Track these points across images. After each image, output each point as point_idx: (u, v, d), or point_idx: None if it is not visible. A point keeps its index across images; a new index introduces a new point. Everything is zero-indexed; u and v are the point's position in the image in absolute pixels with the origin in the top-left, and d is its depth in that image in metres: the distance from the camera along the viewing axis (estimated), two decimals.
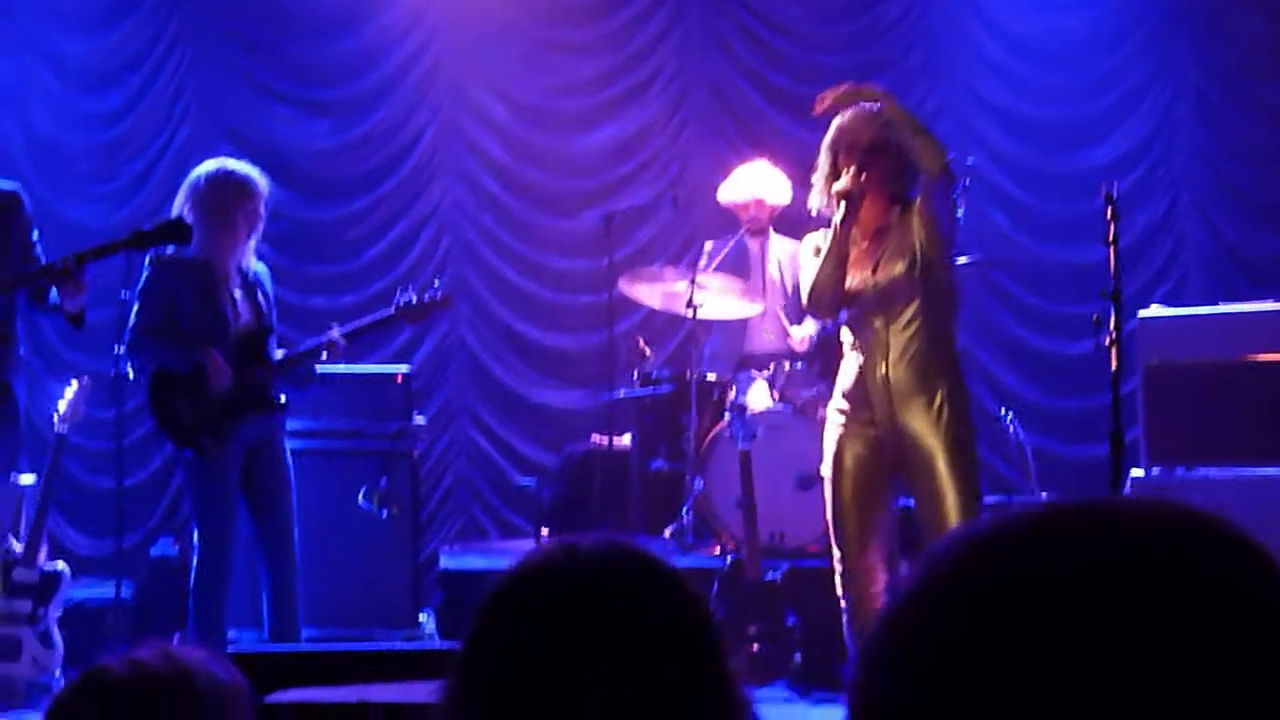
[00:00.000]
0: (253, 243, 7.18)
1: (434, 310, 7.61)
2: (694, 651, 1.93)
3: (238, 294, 7.13)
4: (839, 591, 6.25)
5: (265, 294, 7.25)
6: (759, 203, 9.35)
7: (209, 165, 7.20)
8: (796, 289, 8.72)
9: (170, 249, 6.98)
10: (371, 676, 5.35)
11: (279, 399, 7.20)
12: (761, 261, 9.34)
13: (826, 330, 6.68)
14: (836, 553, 6.22)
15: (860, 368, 6.20)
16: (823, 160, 6.26)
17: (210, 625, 7.09)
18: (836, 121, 6.27)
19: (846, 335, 6.32)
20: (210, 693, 2.29)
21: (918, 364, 6.15)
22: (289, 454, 7.23)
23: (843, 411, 6.24)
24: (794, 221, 9.41)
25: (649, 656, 1.90)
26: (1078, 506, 1.11)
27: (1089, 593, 1.03)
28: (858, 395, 6.19)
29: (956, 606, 1.06)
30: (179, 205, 7.05)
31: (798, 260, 7.20)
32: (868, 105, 6.25)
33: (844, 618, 6.28)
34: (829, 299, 6.19)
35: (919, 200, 6.19)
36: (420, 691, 4.00)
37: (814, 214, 6.37)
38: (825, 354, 8.57)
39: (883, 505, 6.24)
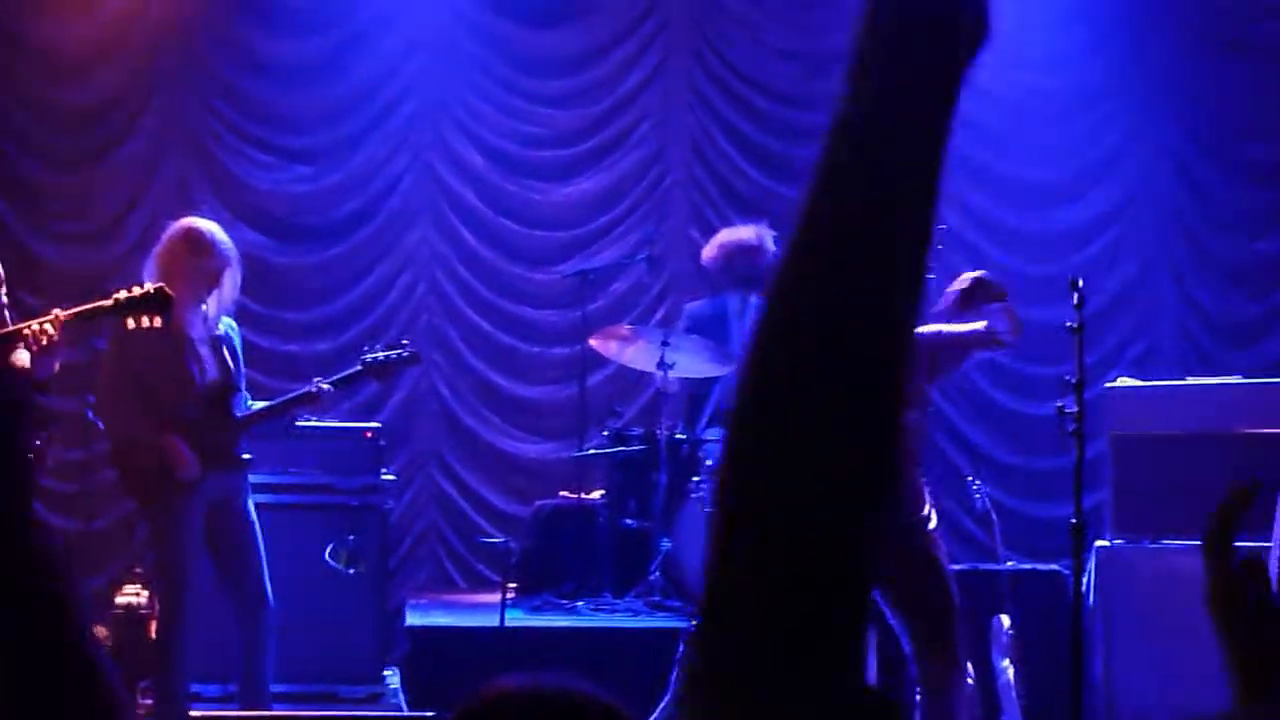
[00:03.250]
0: (216, 301, 7.18)
1: (402, 368, 7.64)
2: None
3: (204, 351, 7.14)
4: None
5: (233, 350, 7.27)
6: (758, 244, 9.20)
7: (179, 224, 7.23)
8: None
9: None
10: None
11: (243, 456, 7.21)
12: (741, 317, 9.28)
13: None
14: None
15: None
16: None
17: (172, 679, 7.08)
18: None
19: None
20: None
21: (913, 454, 6.10)
22: (253, 511, 7.24)
23: None
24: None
25: None
26: None
27: None
28: None
29: None
30: (151, 263, 7.09)
31: None
32: None
33: None
34: None
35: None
36: None
37: None
38: None
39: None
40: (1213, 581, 1.77)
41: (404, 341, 7.62)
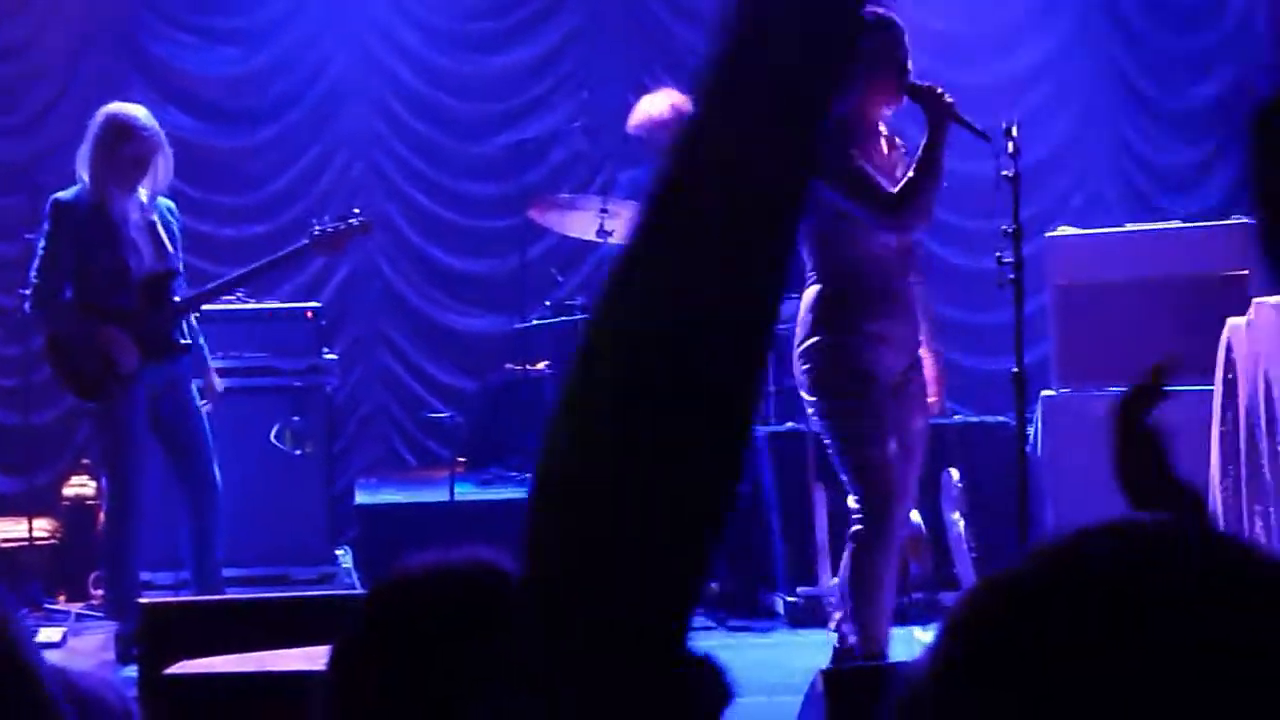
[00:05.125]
0: (150, 185, 7.10)
1: (352, 236, 7.55)
2: None
3: (139, 239, 7.07)
4: (864, 533, 5.66)
5: (170, 233, 7.20)
6: (672, 117, 9.19)
7: (101, 113, 7.14)
8: None
9: (68, 195, 6.97)
10: (286, 628, 5.33)
11: (182, 342, 7.16)
12: None
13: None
14: (882, 503, 5.65)
15: (897, 291, 5.82)
16: (891, 57, 5.90)
17: (121, 569, 7.08)
18: (891, 21, 5.96)
19: (875, 250, 5.77)
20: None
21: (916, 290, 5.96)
22: (197, 396, 7.20)
23: (886, 339, 5.77)
24: None
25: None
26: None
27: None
28: (897, 322, 5.81)
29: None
30: (81, 154, 7.04)
31: None
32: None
33: (867, 568, 5.71)
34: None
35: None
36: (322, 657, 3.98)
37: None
38: None
39: None
40: (1118, 452, 1.77)
41: (355, 210, 7.56)
